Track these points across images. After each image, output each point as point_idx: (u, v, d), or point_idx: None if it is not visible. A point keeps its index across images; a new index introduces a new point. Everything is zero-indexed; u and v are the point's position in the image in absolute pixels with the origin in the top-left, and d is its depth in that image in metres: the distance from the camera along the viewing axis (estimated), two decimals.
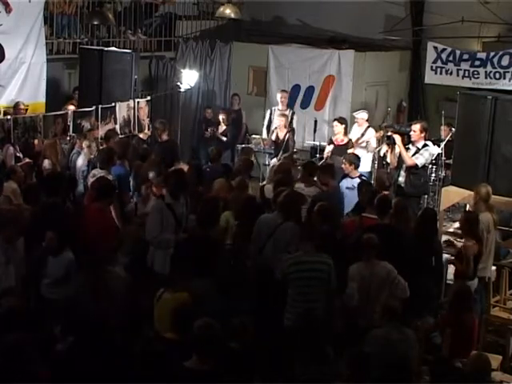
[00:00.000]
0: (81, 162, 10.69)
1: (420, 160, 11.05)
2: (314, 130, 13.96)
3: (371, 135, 12.96)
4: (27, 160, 10.63)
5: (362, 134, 13.08)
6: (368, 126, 13.23)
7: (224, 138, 14.75)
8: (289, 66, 15.85)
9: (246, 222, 8.07)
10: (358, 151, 12.47)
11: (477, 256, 8.31)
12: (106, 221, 8.34)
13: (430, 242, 8.19)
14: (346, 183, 10.32)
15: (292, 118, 13.77)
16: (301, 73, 15.69)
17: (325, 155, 12.67)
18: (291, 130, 13.42)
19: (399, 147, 11.18)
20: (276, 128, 13.32)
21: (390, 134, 11.62)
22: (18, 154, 10.71)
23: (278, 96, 14.24)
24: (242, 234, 8.02)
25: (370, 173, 12.73)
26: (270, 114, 14.05)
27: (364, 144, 12.95)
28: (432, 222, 8.37)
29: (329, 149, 12.66)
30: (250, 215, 8.07)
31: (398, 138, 11.25)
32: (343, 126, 12.62)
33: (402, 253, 7.76)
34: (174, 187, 8.36)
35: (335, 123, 12.71)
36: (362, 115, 13.29)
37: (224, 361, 5.61)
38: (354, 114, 13.49)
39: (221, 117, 14.89)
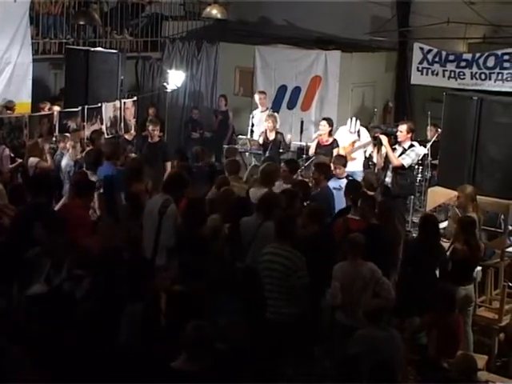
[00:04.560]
0: (65, 162, 10.65)
1: (406, 160, 11.08)
2: (301, 131, 13.95)
3: (366, 134, 12.91)
4: (19, 160, 10.59)
5: (359, 136, 13.05)
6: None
7: None
8: (275, 67, 15.86)
9: (234, 222, 8.07)
10: (357, 152, 12.58)
11: (467, 260, 8.31)
12: (82, 218, 8.32)
13: (431, 247, 8.16)
14: (333, 184, 10.30)
15: None
16: (287, 73, 15.70)
17: (310, 153, 12.65)
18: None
19: (386, 148, 11.20)
20: (263, 131, 13.25)
21: (376, 134, 11.65)
22: (11, 155, 10.69)
23: (256, 98, 14.23)
24: (231, 235, 8.01)
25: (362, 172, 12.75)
26: (253, 117, 14.02)
27: (361, 144, 12.91)
28: (431, 226, 8.34)
29: (313, 147, 12.63)
30: (237, 216, 8.06)
31: (384, 139, 11.28)
32: (330, 128, 12.61)
33: (389, 254, 7.78)
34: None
35: (323, 123, 12.66)
36: (358, 124, 13.21)
37: (212, 362, 5.61)
38: (351, 127, 13.29)
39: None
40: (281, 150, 12.85)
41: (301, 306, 7.18)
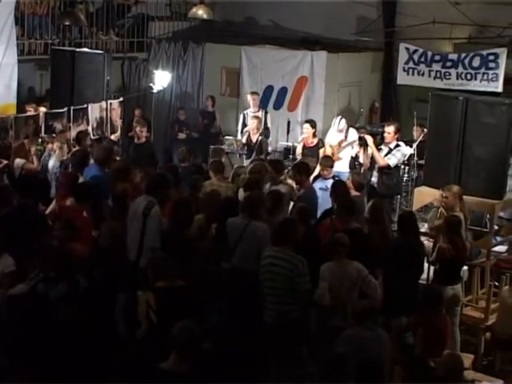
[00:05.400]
0: (52, 163, 10.62)
1: (392, 160, 11.12)
2: (287, 131, 13.96)
3: (355, 135, 12.87)
4: (5, 162, 10.53)
5: (346, 137, 13.00)
6: (348, 127, 13.15)
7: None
8: (261, 67, 15.86)
9: (220, 223, 8.06)
10: (344, 152, 12.53)
11: (454, 260, 8.33)
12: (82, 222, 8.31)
13: (411, 244, 8.19)
14: (319, 184, 10.32)
15: (266, 118, 13.80)
16: (273, 74, 15.70)
17: (296, 156, 12.70)
18: (266, 129, 13.46)
19: (371, 148, 11.23)
20: (247, 131, 13.27)
21: (362, 135, 11.66)
22: None
23: (249, 98, 14.24)
24: (217, 236, 8.01)
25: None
26: (244, 118, 14.00)
27: (348, 143, 12.87)
28: (411, 224, 8.37)
29: (299, 149, 12.68)
30: (223, 216, 8.05)
31: (369, 139, 11.30)
32: (313, 129, 12.67)
33: (374, 255, 7.81)
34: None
35: (306, 125, 12.73)
36: (343, 123, 13.10)
37: (202, 362, 5.61)
38: (335, 125, 13.18)
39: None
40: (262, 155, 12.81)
41: (302, 311, 7.17)
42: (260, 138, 12.96)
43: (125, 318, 6.44)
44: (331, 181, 10.13)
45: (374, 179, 11.20)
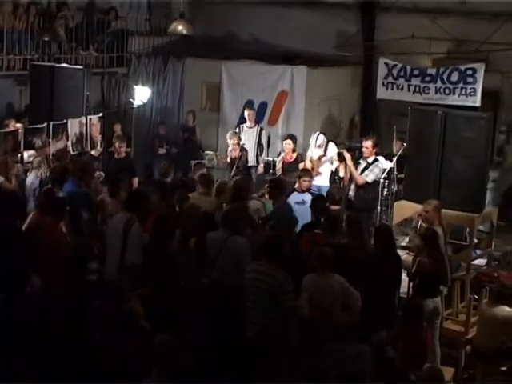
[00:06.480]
0: (30, 179, 10.57)
1: (370, 177, 11.14)
2: (268, 146, 13.99)
3: (334, 150, 12.88)
4: None
5: (325, 151, 13.02)
6: (328, 142, 13.17)
7: None
8: (242, 82, 15.88)
9: (199, 237, 8.05)
10: (324, 167, 12.59)
11: (433, 273, 8.35)
12: (58, 236, 8.26)
13: (387, 257, 8.20)
14: (295, 198, 10.33)
15: (260, 134, 13.83)
16: (254, 88, 15.72)
17: (276, 172, 12.74)
18: (259, 145, 13.62)
19: (350, 167, 11.25)
20: (230, 150, 13.22)
21: (342, 150, 11.68)
22: None
23: (246, 113, 14.21)
24: (196, 250, 8.00)
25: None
26: (239, 131, 13.95)
27: (327, 158, 12.88)
28: (387, 237, 8.40)
29: (279, 165, 12.72)
30: (203, 231, 8.03)
31: (348, 158, 11.33)
32: (294, 145, 12.71)
33: (354, 270, 7.82)
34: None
35: (288, 141, 12.75)
36: (321, 139, 13.09)
37: (182, 376, 5.59)
38: (313, 141, 13.18)
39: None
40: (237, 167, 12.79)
41: (284, 325, 7.14)
42: (242, 153, 12.96)
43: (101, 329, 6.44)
44: (307, 194, 10.15)
45: (352, 193, 11.20)
